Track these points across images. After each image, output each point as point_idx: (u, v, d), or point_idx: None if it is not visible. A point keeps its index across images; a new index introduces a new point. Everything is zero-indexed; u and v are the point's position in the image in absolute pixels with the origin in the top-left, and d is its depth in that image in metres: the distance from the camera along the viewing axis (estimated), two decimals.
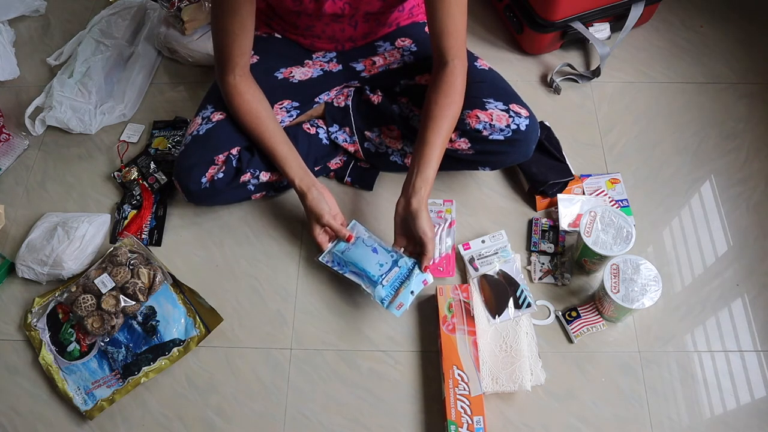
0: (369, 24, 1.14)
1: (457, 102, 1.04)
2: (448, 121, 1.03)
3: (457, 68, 1.04)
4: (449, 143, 1.07)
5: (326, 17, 1.09)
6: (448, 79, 1.03)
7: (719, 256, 1.15)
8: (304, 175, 1.08)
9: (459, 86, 1.04)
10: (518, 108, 1.07)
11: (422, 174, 1.01)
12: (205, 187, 1.10)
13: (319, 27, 1.13)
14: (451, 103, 1.03)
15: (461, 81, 1.04)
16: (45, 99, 1.36)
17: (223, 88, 1.09)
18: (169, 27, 1.40)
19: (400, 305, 1.02)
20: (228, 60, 1.05)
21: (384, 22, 1.16)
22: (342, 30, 1.13)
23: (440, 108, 1.02)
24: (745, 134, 1.30)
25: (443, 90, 1.03)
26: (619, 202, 1.20)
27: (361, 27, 1.14)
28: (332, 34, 1.14)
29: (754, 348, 1.06)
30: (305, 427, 1.02)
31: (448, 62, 1.04)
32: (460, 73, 1.04)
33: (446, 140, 1.04)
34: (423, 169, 1.01)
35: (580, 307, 1.09)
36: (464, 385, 0.98)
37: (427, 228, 1.01)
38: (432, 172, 1.01)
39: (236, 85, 1.07)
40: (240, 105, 1.08)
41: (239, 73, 1.07)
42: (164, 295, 1.11)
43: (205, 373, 1.07)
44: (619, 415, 1.01)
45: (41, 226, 1.20)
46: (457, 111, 1.04)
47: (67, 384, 1.06)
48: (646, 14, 1.41)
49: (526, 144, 1.08)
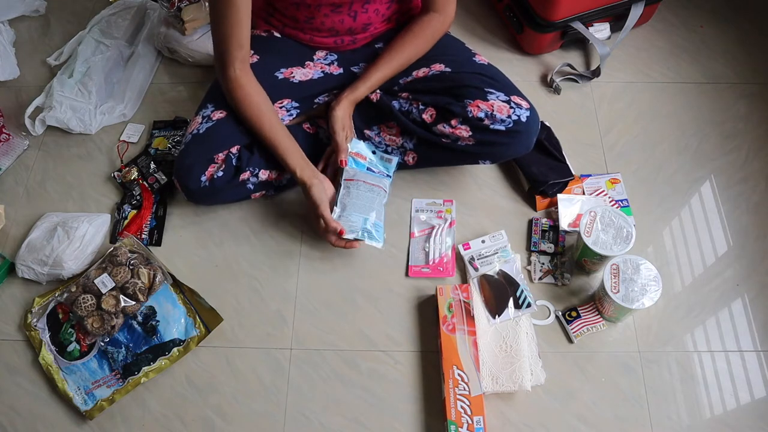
0: (367, 14, 1.14)
1: (420, 45, 1.13)
2: (402, 57, 1.13)
3: (435, 19, 1.12)
4: (450, 130, 1.08)
5: (325, 7, 1.10)
6: (423, 23, 1.13)
7: (719, 256, 1.15)
8: (305, 166, 1.10)
9: (429, 33, 1.12)
10: (519, 100, 1.07)
11: (354, 86, 1.13)
12: (205, 185, 1.10)
13: (318, 18, 1.13)
14: (413, 43, 1.12)
15: (433, 30, 1.12)
16: (45, 99, 1.36)
17: (224, 83, 1.10)
18: (169, 27, 1.40)
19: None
20: (227, 53, 1.07)
21: (381, 11, 1.16)
22: (341, 21, 1.14)
23: (403, 42, 1.12)
24: (745, 134, 1.30)
25: (413, 30, 1.13)
26: (619, 202, 1.20)
27: (360, 17, 1.14)
28: (332, 25, 1.14)
29: (754, 348, 1.06)
30: (305, 427, 1.02)
31: (429, 11, 1.12)
32: (437, 24, 1.12)
33: (392, 72, 1.13)
34: (358, 83, 1.13)
35: (580, 307, 1.09)
36: (464, 385, 0.98)
37: (336, 125, 1.11)
38: (364, 89, 1.13)
39: (237, 78, 1.08)
40: (242, 98, 1.09)
41: (239, 66, 1.08)
42: (164, 295, 1.11)
43: (205, 373, 1.07)
44: (619, 415, 1.01)
45: (41, 226, 1.20)
46: (416, 53, 1.13)
47: (67, 384, 1.06)
48: (646, 14, 1.41)
49: (527, 136, 1.08)
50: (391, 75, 1.14)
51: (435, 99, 1.11)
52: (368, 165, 1.16)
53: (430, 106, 1.11)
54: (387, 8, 1.16)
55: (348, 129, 1.14)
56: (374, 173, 1.16)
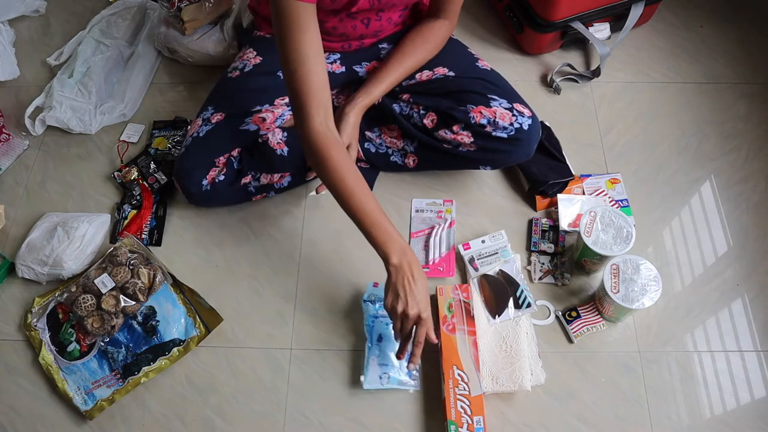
0: (380, 22, 1.13)
1: (430, 50, 1.12)
2: (414, 60, 1.11)
3: (445, 26, 1.11)
4: (452, 135, 1.08)
5: (341, 12, 1.06)
6: (434, 28, 1.11)
7: (719, 256, 1.15)
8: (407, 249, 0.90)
9: (439, 38, 1.11)
10: (521, 107, 1.07)
11: (368, 90, 1.09)
12: (206, 189, 1.10)
13: (330, 23, 1.10)
14: (424, 47, 1.11)
15: (442, 36, 1.12)
16: (45, 99, 1.36)
17: (309, 137, 0.91)
18: (169, 27, 1.40)
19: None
20: (311, 99, 0.90)
21: (394, 19, 1.15)
22: (354, 27, 1.12)
23: (414, 45, 1.10)
24: (745, 134, 1.30)
25: (423, 34, 1.11)
26: (619, 202, 1.20)
27: (372, 25, 1.13)
28: (344, 31, 1.13)
29: (754, 348, 1.06)
30: (305, 427, 1.02)
31: (439, 18, 1.11)
32: (446, 31, 1.12)
33: (403, 75, 1.11)
34: (371, 87, 1.09)
35: (580, 307, 1.09)
36: (464, 385, 0.98)
37: (343, 134, 1.06)
38: (378, 92, 1.09)
39: (327, 135, 0.91)
40: (337, 162, 0.90)
41: (328, 117, 0.92)
42: (164, 295, 1.11)
43: (205, 373, 1.07)
44: (619, 415, 1.01)
45: (41, 226, 1.20)
46: (426, 57, 1.12)
47: (67, 384, 1.06)
48: (646, 14, 1.41)
49: (528, 144, 1.08)
50: (403, 78, 1.12)
51: (437, 103, 1.10)
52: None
53: (431, 111, 1.11)
54: (399, 16, 1.15)
55: (354, 141, 1.09)
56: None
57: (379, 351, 1.04)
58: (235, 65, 1.19)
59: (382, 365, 1.03)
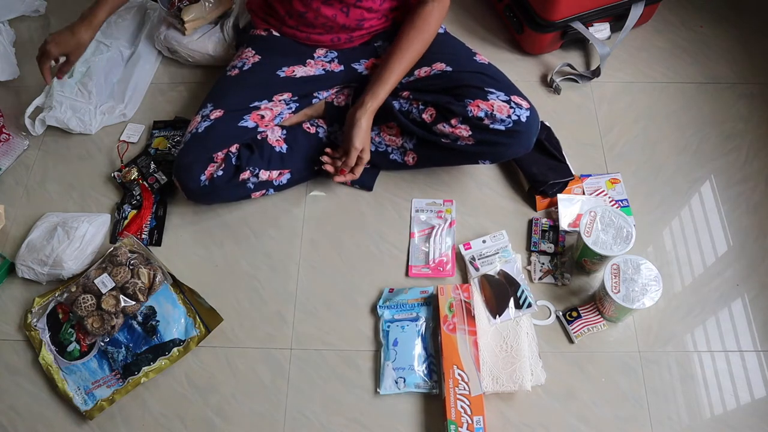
0: (360, 10, 1.14)
1: (426, 39, 1.12)
2: (412, 53, 1.11)
3: (435, 9, 1.11)
4: (450, 129, 1.08)
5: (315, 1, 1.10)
6: (424, 16, 1.11)
7: (719, 256, 1.15)
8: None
9: (432, 25, 1.11)
10: (519, 100, 1.07)
11: (374, 92, 1.09)
12: (205, 184, 1.10)
13: (311, 14, 1.13)
14: (420, 38, 1.11)
15: (435, 21, 1.11)
16: (45, 99, 1.36)
17: None
18: (169, 27, 1.40)
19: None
20: None
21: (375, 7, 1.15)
22: (334, 16, 1.13)
23: (409, 40, 1.10)
24: (745, 134, 1.30)
25: (416, 25, 1.11)
26: (619, 202, 1.20)
27: (352, 12, 1.13)
28: (324, 21, 1.14)
29: (754, 348, 1.06)
30: (305, 427, 1.02)
31: (428, 2, 1.10)
32: (437, 14, 1.11)
33: (405, 70, 1.11)
34: (376, 88, 1.09)
35: (580, 307, 1.09)
36: (464, 385, 0.98)
37: (356, 139, 1.08)
38: (384, 93, 1.10)
39: None
40: None
41: None
42: (164, 295, 1.11)
43: (205, 373, 1.07)
44: (619, 415, 1.01)
45: (41, 226, 1.20)
46: (423, 47, 1.12)
47: (67, 384, 1.06)
48: (646, 14, 1.41)
49: (527, 136, 1.08)
50: (404, 73, 1.12)
51: (435, 98, 1.11)
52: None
53: (430, 106, 1.11)
54: (380, 5, 1.15)
55: (367, 146, 1.11)
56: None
57: (395, 355, 1.04)
58: (234, 63, 1.20)
59: (398, 369, 1.03)
